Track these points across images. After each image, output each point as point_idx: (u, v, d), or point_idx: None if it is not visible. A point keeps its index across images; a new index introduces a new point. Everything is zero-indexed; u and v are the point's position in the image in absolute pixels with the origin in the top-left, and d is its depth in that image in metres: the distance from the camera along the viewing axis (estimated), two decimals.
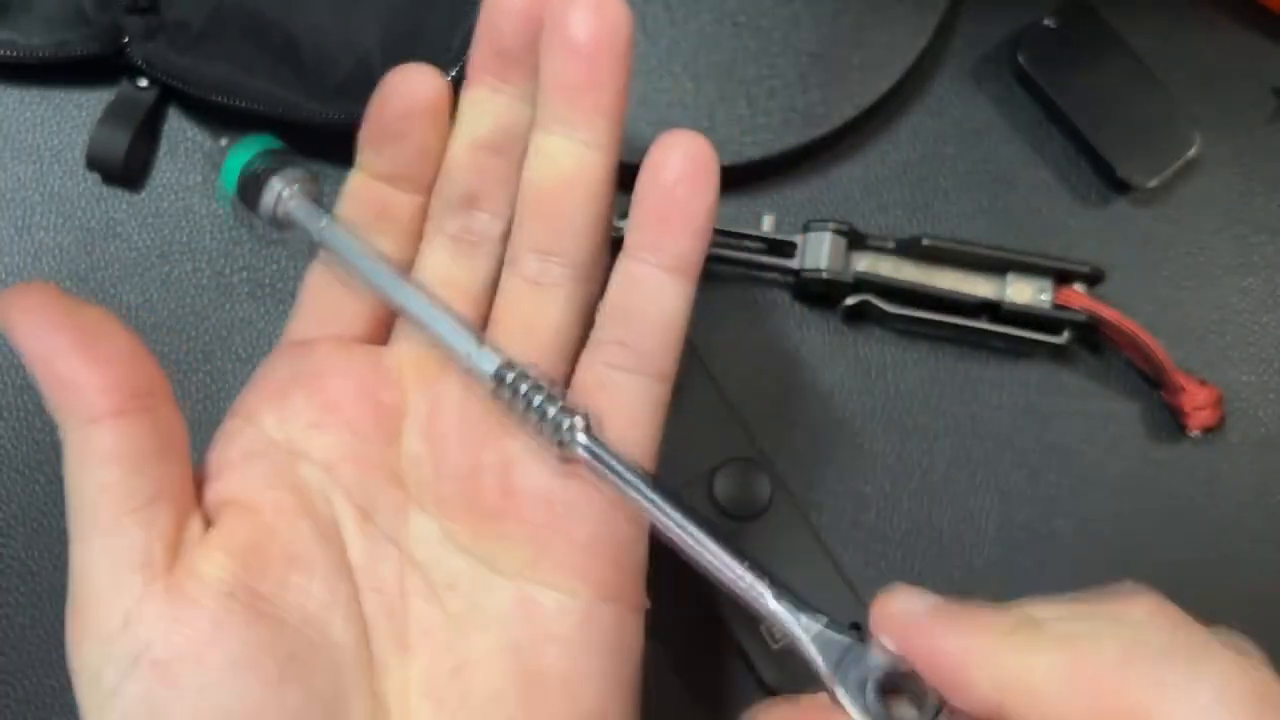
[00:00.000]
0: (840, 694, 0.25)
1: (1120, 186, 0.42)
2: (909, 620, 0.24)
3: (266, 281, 0.41)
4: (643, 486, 0.27)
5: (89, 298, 0.40)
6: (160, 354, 0.40)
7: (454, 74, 0.37)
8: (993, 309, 0.39)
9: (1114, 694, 0.21)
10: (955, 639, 0.23)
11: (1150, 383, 0.40)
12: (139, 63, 0.39)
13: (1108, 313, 0.38)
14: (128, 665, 0.25)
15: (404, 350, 0.31)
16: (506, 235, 0.30)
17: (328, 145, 0.41)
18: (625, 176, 0.30)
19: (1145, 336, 0.38)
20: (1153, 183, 0.41)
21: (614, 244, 0.30)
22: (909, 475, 0.40)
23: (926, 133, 0.43)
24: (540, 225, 0.29)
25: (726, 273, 0.41)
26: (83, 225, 0.41)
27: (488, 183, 0.30)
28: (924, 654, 0.24)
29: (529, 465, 0.29)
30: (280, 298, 0.41)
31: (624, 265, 0.29)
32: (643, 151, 0.39)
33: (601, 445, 0.28)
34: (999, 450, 0.40)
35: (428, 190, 0.31)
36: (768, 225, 0.40)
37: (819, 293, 0.40)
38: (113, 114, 0.40)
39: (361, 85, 0.37)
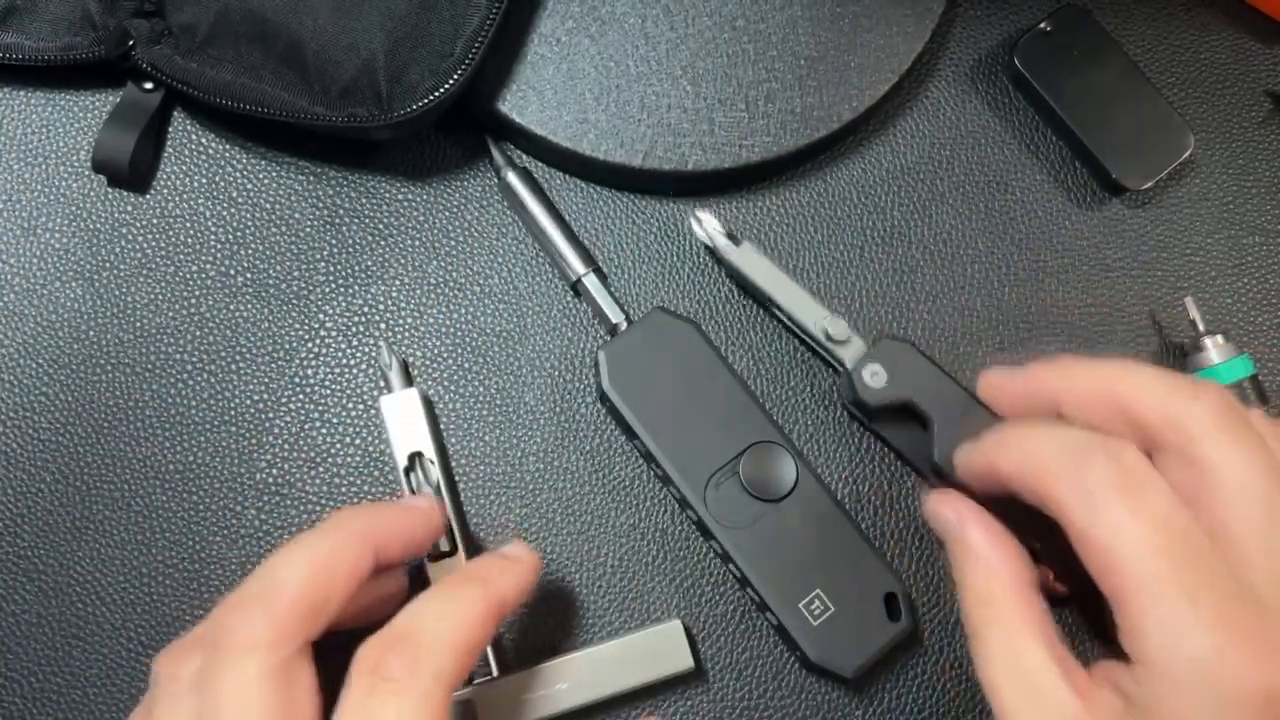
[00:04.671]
0: None
1: (1115, 189, 0.42)
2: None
3: (270, 283, 0.41)
4: None
5: (95, 298, 0.41)
6: (166, 354, 0.40)
7: (456, 78, 0.38)
8: None
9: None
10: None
11: None
12: (145, 66, 0.39)
13: None
14: None
15: None
16: None
17: (331, 148, 0.42)
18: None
19: None
20: (1147, 185, 0.42)
21: None
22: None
23: (923, 136, 0.43)
24: None
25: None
26: (89, 227, 0.41)
27: None
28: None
29: None
30: (284, 298, 0.41)
31: None
32: (645, 154, 0.40)
33: None
34: None
35: None
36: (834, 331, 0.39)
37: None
38: (118, 117, 0.40)
39: (365, 89, 0.38)
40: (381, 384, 0.40)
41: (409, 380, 0.40)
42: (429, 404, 0.40)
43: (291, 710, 0.28)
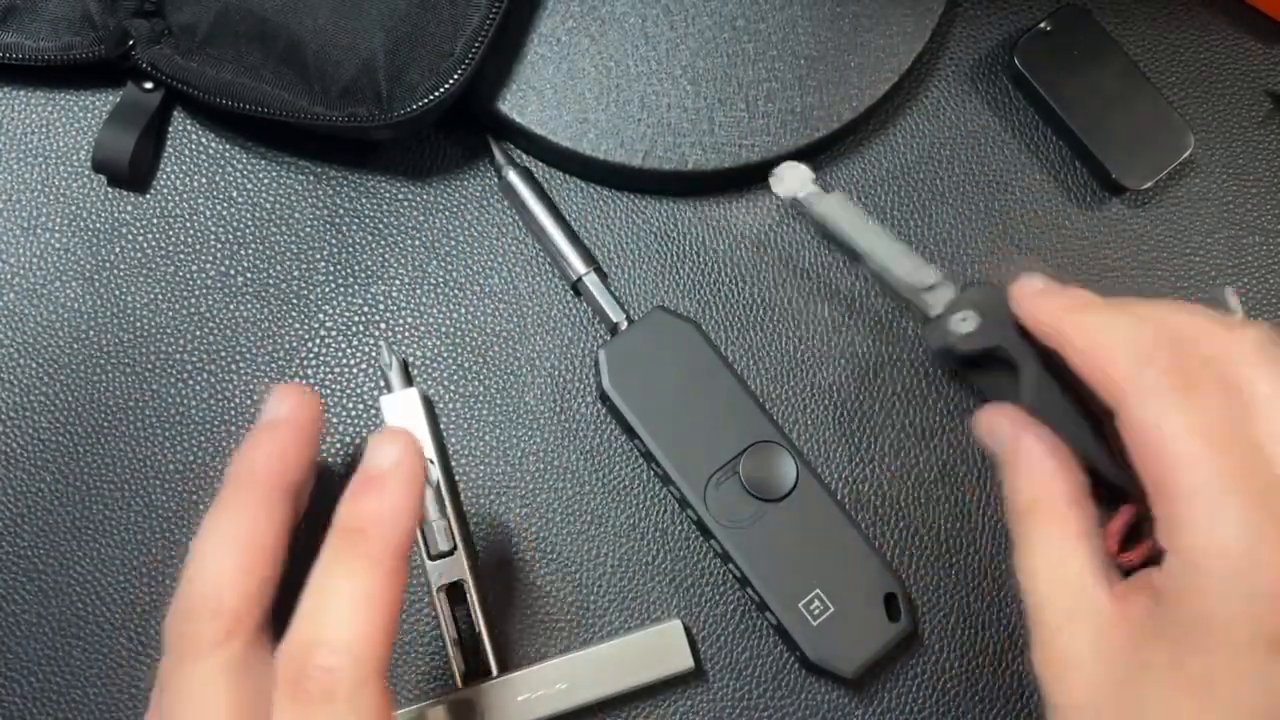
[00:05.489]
0: None
1: (1115, 188, 0.42)
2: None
3: (270, 283, 0.41)
4: None
5: (95, 298, 0.41)
6: (165, 354, 0.40)
7: (456, 78, 0.38)
8: None
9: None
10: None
11: None
12: (145, 66, 0.39)
13: None
14: None
15: None
16: None
17: (331, 148, 0.42)
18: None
19: None
20: (1147, 185, 0.42)
21: None
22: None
23: (923, 135, 0.43)
24: None
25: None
26: (89, 227, 0.41)
27: None
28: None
29: None
30: (284, 298, 0.41)
31: None
32: (645, 154, 0.40)
33: None
34: None
35: None
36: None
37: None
38: (118, 117, 0.40)
39: (365, 89, 0.38)
40: (381, 384, 0.40)
41: (409, 380, 0.40)
42: (429, 404, 0.40)
43: (253, 705, 0.28)
